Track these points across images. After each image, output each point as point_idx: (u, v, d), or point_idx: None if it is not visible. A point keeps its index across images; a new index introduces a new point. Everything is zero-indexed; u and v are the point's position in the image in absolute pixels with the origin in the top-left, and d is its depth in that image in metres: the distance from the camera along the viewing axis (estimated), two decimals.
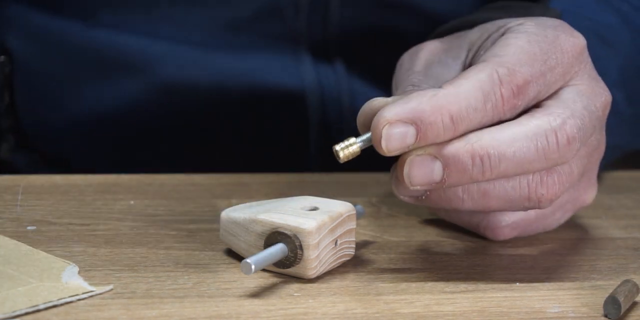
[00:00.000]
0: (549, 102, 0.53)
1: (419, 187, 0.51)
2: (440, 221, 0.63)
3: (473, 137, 0.51)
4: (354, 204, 0.54)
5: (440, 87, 0.51)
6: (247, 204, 0.55)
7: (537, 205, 0.53)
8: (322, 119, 0.58)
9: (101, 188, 0.64)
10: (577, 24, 0.72)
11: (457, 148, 0.50)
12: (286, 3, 0.76)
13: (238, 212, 0.53)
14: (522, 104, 0.52)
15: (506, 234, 0.58)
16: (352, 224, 0.54)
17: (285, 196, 0.56)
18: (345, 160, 0.52)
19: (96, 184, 0.65)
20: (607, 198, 0.70)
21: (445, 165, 0.50)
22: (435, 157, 0.50)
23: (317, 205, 0.53)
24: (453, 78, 0.51)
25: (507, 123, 0.52)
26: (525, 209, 0.53)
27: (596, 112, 0.54)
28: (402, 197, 0.54)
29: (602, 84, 0.56)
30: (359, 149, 0.52)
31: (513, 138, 0.51)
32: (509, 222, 0.57)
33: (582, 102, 0.53)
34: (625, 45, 0.74)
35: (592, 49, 0.71)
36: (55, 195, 0.62)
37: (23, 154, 0.78)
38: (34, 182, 0.65)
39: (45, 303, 0.47)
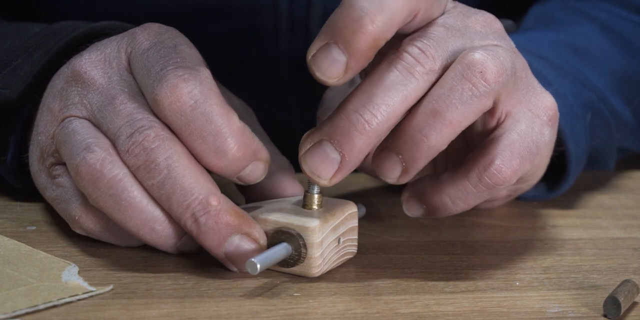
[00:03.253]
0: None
1: (331, 179, 0.50)
2: (440, 221, 0.63)
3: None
4: (355, 203, 0.54)
5: None
6: (249, 204, 0.55)
7: (482, 83, 0.50)
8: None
9: None
10: (543, 37, 0.73)
11: (330, 119, 0.50)
12: (265, 27, 0.76)
13: None
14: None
15: (508, 164, 0.53)
16: (354, 222, 0.54)
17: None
18: (321, 203, 0.53)
19: None
20: (607, 198, 0.70)
21: (331, 140, 0.49)
22: (320, 141, 0.50)
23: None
24: None
25: None
26: (479, 100, 0.51)
27: (460, 25, 0.53)
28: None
29: (483, 14, 0.55)
30: (318, 195, 0.53)
31: (376, 76, 0.50)
32: (500, 151, 0.54)
33: (438, 23, 0.52)
34: (603, 50, 0.74)
35: (564, 57, 0.71)
36: None
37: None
38: None
39: (45, 303, 0.47)
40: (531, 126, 0.55)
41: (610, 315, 0.49)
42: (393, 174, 0.52)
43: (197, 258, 0.54)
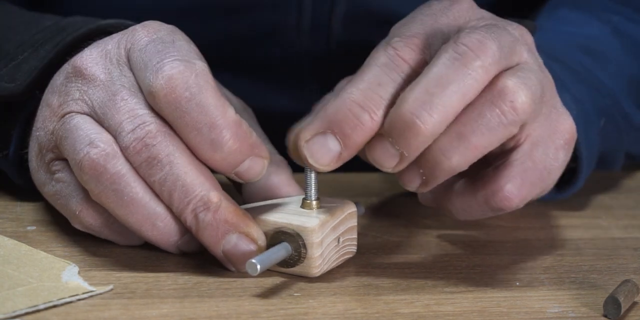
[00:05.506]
0: None
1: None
2: (440, 221, 0.63)
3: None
4: (354, 202, 0.54)
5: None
6: (248, 204, 0.55)
7: (511, 112, 0.50)
8: None
9: None
10: (556, 38, 0.72)
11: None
12: (288, 24, 0.76)
13: None
14: (426, 57, 0.51)
15: (517, 193, 0.54)
16: (354, 222, 0.54)
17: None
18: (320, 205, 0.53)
19: None
20: (607, 198, 0.70)
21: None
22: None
23: (317, 195, 0.53)
24: None
25: None
26: (506, 128, 0.51)
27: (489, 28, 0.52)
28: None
29: (513, 26, 0.54)
30: (316, 202, 0.53)
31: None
32: (511, 178, 0.54)
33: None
34: (616, 53, 0.74)
35: (578, 59, 0.71)
36: None
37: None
38: None
39: (45, 303, 0.47)
40: (547, 151, 0.55)
41: (610, 315, 0.49)
42: (413, 184, 0.53)
43: (197, 258, 0.53)
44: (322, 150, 0.50)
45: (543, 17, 0.79)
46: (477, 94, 0.50)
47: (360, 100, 0.49)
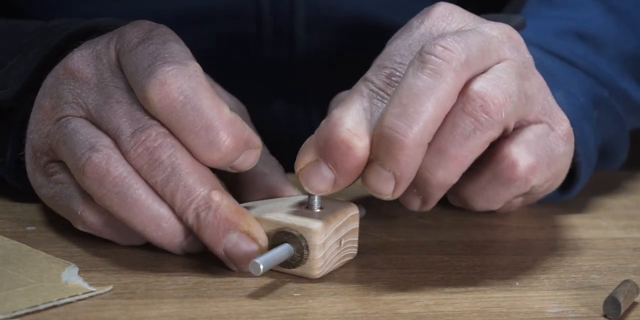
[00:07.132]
0: None
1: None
2: (440, 221, 0.63)
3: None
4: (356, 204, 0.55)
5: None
6: (250, 203, 0.55)
7: (484, 115, 0.50)
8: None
9: None
10: (549, 26, 0.72)
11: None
12: (249, 34, 0.76)
13: None
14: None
15: (523, 160, 0.54)
16: (356, 224, 0.54)
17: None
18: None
19: None
20: (607, 198, 0.70)
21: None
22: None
23: (321, 205, 0.53)
24: None
25: None
26: (484, 133, 0.50)
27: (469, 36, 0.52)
28: (414, 208, 0.55)
29: (491, 24, 0.54)
30: (319, 210, 0.53)
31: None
32: (514, 146, 0.54)
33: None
34: (611, 33, 0.73)
35: (572, 48, 0.71)
36: None
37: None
38: None
39: (45, 303, 0.47)
40: (547, 133, 0.55)
41: (610, 316, 0.49)
42: (414, 205, 0.54)
43: (197, 258, 0.54)
44: (317, 178, 0.50)
45: (535, 1, 0.78)
46: (453, 99, 0.50)
47: (348, 126, 0.49)
